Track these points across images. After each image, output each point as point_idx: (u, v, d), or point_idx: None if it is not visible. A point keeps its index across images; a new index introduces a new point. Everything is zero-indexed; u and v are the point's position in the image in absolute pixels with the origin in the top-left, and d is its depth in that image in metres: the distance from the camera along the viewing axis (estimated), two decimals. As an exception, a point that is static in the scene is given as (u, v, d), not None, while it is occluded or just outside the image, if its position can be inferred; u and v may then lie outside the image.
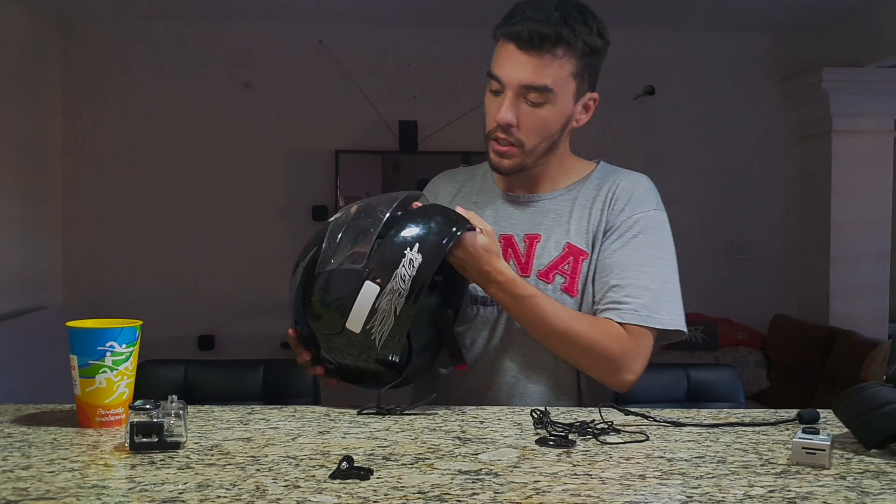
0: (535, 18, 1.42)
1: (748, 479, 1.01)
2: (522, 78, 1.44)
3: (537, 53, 1.43)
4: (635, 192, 1.54)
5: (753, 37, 4.90)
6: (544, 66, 1.43)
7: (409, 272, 1.30)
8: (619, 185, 1.54)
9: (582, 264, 1.49)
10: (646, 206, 1.53)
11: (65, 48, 4.73)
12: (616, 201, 1.52)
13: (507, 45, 1.45)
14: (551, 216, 1.54)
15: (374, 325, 1.32)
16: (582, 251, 1.50)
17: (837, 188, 4.60)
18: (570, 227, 1.52)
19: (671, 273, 1.50)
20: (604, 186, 1.55)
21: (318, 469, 1.03)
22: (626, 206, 1.51)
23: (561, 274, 1.49)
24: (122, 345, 1.25)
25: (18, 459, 1.07)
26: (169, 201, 4.78)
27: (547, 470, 1.04)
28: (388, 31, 4.73)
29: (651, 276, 1.46)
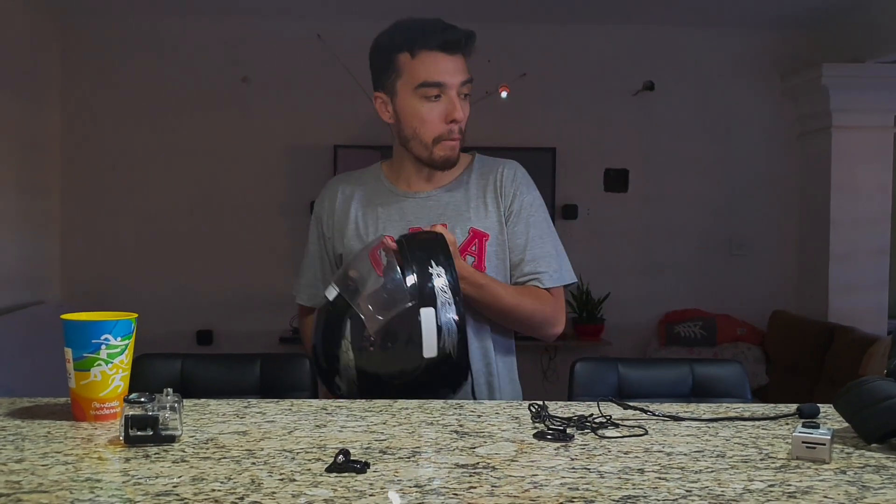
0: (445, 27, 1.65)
1: (748, 473, 1.00)
2: (461, 76, 1.67)
3: (462, 54, 1.67)
4: (517, 178, 1.78)
5: (753, 33, 4.89)
6: (465, 64, 1.69)
7: (442, 283, 1.44)
8: (503, 176, 1.77)
9: (485, 244, 1.73)
10: (528, 189, 1.78)
11: (63, 43, 4.71)
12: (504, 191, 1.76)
13: (433, 54, 1.65)
14: (451, 207, 1.75)
15: (444, 341, 1.42)
16: (484, 233, 1.73)
17: (837, 184, 4.59)
18: (470, 215, 1.74)
19: (557, 238, 1.80)
20: (489, 177, 1.78)
21: (314, 462, 1.02)
22: (515, 193, 1.76)
23: (471, 254, 1.72)
24: (117, 338, 1.24)
25: (12, 452, 1.06)
26: (167, 196, 4.77)
27: (545, 464, 1.03)
28: (386, 26, 4.72)
29: (550, 245, 1.76)
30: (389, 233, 1.66)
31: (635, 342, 4.88)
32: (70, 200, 4.75)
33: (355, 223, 1.76)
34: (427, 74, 1.64)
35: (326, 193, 1.84)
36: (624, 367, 1.84)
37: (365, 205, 1.77)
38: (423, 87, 1.65)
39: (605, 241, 4.84)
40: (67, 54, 4.72)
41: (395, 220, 1.72)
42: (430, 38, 1.64)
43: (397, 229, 1.69)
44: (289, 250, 4.76)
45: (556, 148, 4.77)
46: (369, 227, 1.74)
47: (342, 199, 1.80)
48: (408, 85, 1.67)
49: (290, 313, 4.64)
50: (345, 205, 1.79)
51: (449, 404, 1.40)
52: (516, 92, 4.55)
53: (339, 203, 1.79)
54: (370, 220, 1.75)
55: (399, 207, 1.75)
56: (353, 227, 1.76)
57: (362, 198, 1.78)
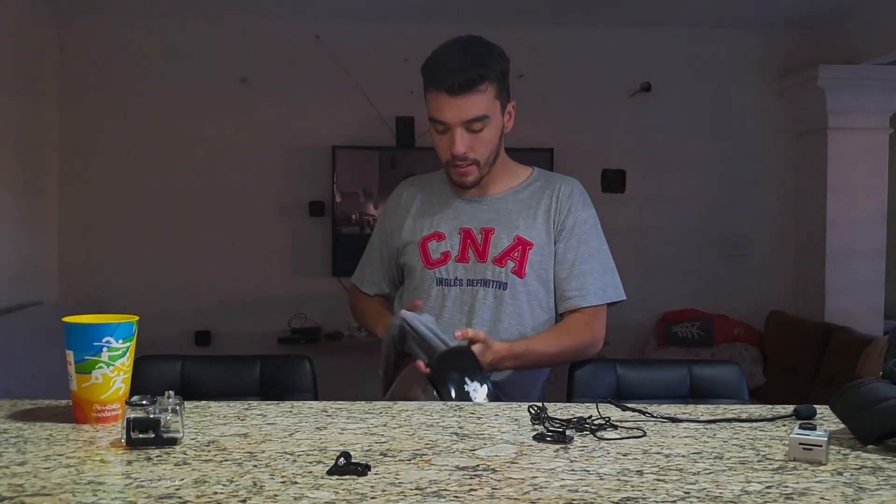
0: (454, 68, 1.73)
1: (745, 474, 1.01)
2: (463, 116, 1.76)
3: (468, 94, 1.74)
4: (573, 196, 1.89)
5: (750, 33, 4.90)
6: (476, 102, 1.76)
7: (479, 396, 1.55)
8: (560, 191, 1.89)
9: (529, 252, 1.84)
10: (583, 207, 1.90)
11: (61, 42, 4.71)
12: (560, 206, 1.87)
13: (440, 94, 1.76)
14: (502, 213, 1.88)
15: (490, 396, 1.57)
16: (529, 242, 1.84)
17: (833, 185, 4.61)
18: (518, 223, 1.86)
19: (609, 256, 1.91)
20: (546, 191, 1.90)
21: (315, 465, 1.03)
22: (569, 209, 1.87)
23: (512, 260, 1.84)
24: (118, 340, 1.24)
25: (14, 455, 1.07)
26: (166, 196, 4.77)
27: (544, 466, 1.04)
28: (384, 27, 4.72)
29: (598, 263, 1.87)
30: (440, 229, 1.87)
31: (633, 342, 4.89)
32: (68, 201, 4.75)
33: (413, 218, 1.93)
34: (433, 112, 1.79)
35: (395, 193, 2.03)
36: (622, 369, 1.85)
37: (425, 203, 1.95)
38: (432, 121, 1.81)
39: (603, 241, 4.85)
40: (66, 54, 4.72)
41: (448, 219, 1.89)
42: (437, 80, 1.76)
43: (449, 226, 1.88)
44: (287, 251, 4.77)
45: (554, 148, 4.78)
46: (424, 222, 1.91)
47: (407, 197, 1.99)
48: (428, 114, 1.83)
49: (288, 313, 4.66)
50: (407, 202, 1.98)
51: (449, 406, 1.40)
52: (514, 93, 4.55)
53: (404, 201, 1.98)
54: (427, 217, 1.92)
55: (453, 208, 1.91)
56: (410, 221, 1.93)
57: (424, 197, 1.96)
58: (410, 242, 1.91)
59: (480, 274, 1.84)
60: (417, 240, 1.90)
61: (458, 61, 1.74)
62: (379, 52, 4.74)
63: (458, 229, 1.88)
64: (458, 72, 1.73)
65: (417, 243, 1.89)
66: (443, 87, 1.75)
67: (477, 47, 1.79)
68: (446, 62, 1.76)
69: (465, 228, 1.87)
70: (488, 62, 1.77)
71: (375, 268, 2.03)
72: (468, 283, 1.84)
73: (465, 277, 1.85)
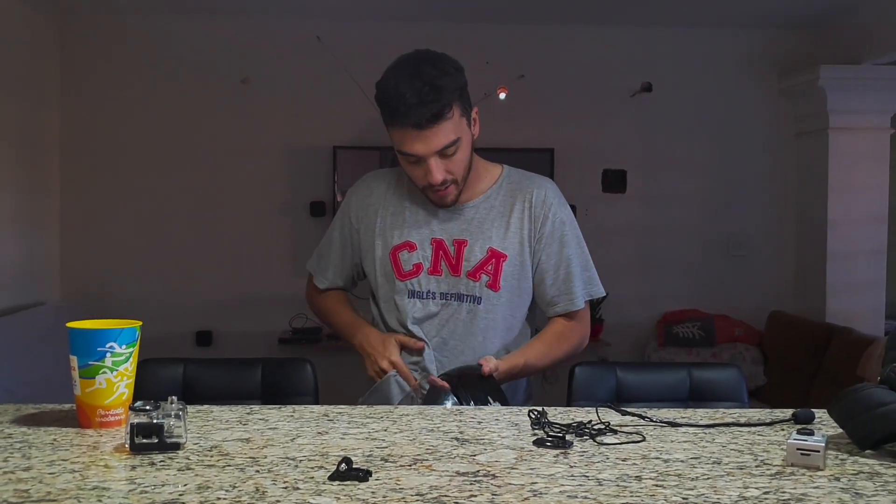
0: (415, 103, 1.64)
1: (743, 480, 1.02)
2: (435, 147, 1.69)
3: (435, 125, 1.67)
4: (548, 199, 1.84)
5: (751, 33, 4.91)
6: (445, 130, 1.69)
7: None
8: (533, 197, 1.84)
9: (502, 264, 1.80)
10: (559, 209, 1.85)
11: (62, 42, 4.72)
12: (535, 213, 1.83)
13: (406, 130, 1.68)
14: (475, 223, 1.82)
15: None
16: (502, 254, 1.80)
17: (834, 185, 4.61)
18: (491, 234, 1.81)
19: (586, 252, 1.89)
20: (518, 196, 1.84)
21: (317, 470, 1.04)
22: (545, 215, 1.83)
23: (486, 273, 1.80)
24: (121, 346, 1.25)
25: (19, 460, 1.08)
26: (167, 196, 4.78)
27: (544, 471, 1.05)
28: (385, 27, 4.72)
29: (579, 263, 1.86)
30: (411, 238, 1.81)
31: (634, 343, 4.90)
32: (69, 201, 4.76)
33: (382, 220, 1.85)
34: (402, 146, 1.72)
35: (361, 184, 1.93)
36: (622, 372, 1.86)
37: (395, 206, 1.86)
38: (400, 154, 1.74)
39: (604, 241, 4.85)
40: (67, 54, 4.73)
41: (419, 227, 1.82)
42: (400, 118, 1.67)
43: (421, 236, 1.81)
44: (288, 251, 4.77)
45: (555, 149, 4.79)
46: (395, 230, 1.83)
47: (376, 196, 1.88)
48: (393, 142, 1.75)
49: (289, 314, 4.66)
50: (376, 202, 1.88)
51: (449, 410, 1.41)
52: (514, 93, 4.56)
53: (373, 200, 1.88)
54: (396, 222, 1.84)
55: (424, 215, 1.84)
56: (379, 224, 1.85)
57: (394, 197, 1.87)
58: (379, 247, 1.84)
59: (454, 288, 1.79)
60: (388, 248, 1.83)
61: (416, 93, 1.64)
62: (380, 52, 4.69)
63: (430, 240, 1.82)
64: (420, 106, 1.64)
65: (388, 252, 1.82)
66: (408, 125, 1.66)
67: (430, 69, 1.67)
68: (404, 97, 1.65)
69: (436, 239, 1.81)
70: (446, 85, 1.67)
71: (334, 263, 1.95)
72: (441, 296, 1.80)
73: (437, 291, 1.80)
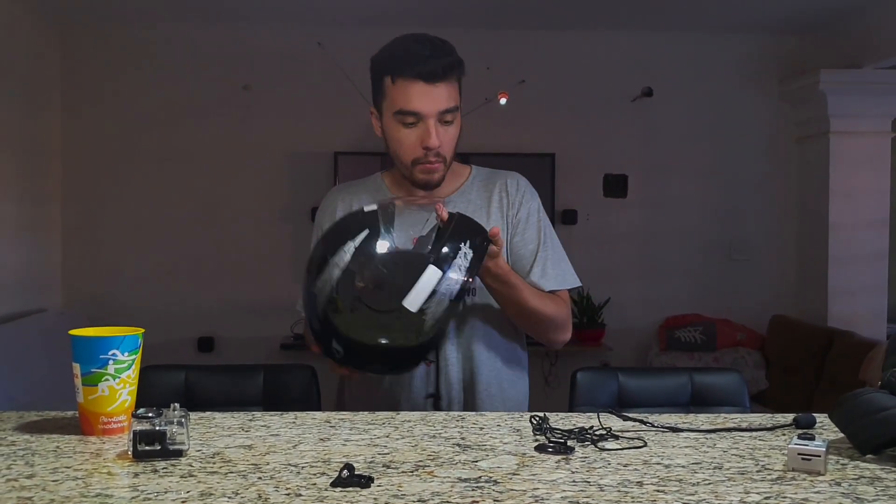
0: (428, 55, 1.63)
1: (744, 485, 1.02)
2: (439, 106, 1.65)
3: (444, 82, 1.65)
4: (520, 188, 1.82)
5: (751, 38, 4.91)
6: (450, 91, 1.67)
7: (464, 264, 1.43)
8: (508, 185, 1.82)
9: None
10: (532, 197, 1.83)
11: (64, 50, 4.73)
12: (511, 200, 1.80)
13: (413, 83, 1.64)
14: None
15: (429, 307, 1.38)
16: None
17: (835, 189, 4.61)
18: None
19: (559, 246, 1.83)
20: (493, 188, 1.82)
21: (319, 477, 1.04)
22: (520, 202, 1.80)
23: None
24: (124, 353, 1.26)
25: (22, 468, 1.08)
26: (168, 203, 4.79)
27: (546, 477, 1.05)
28: (386, 33, 4.69)
29: (553, 251, 1.80)
30: None
31: (636, 347, 4.90)
32: (71, 207, 4.77)
33: None
34: (403, 102, 1.66)
35: (327, 203, 1.88)
36: (624, 377, 1.86)
37: None
38: (400, 114, 1.67)
39: (605, 246, 4.86)
40: (68, 61, 4.74)
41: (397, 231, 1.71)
42: (409, 66, 1.64)
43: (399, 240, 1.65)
44: (290, 256, 4.78)
45: (556, 154, 4.79)
46: None
47: (342, 207, 1.82)
48: (389, 109, 1.69)
49: (291, 319, 4.65)
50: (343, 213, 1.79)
51: (451, 416, 1.42)
52: (515, 98, 4.57)
53: (339, 213, 1.81)
54: None
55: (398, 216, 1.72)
56: None
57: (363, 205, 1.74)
58: None
59: None
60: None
61: (428, 46, 1.65)
62: (381, 58, 4.75)
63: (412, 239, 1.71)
64: (432, 57, 1.63)
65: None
66: (416, 75, 1.63)
67: (440, 40, 1.70)
68: (415, 49, 1.65)
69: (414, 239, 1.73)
70: (455, 54, 1.69)
71: None
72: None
73: None
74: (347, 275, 1.41)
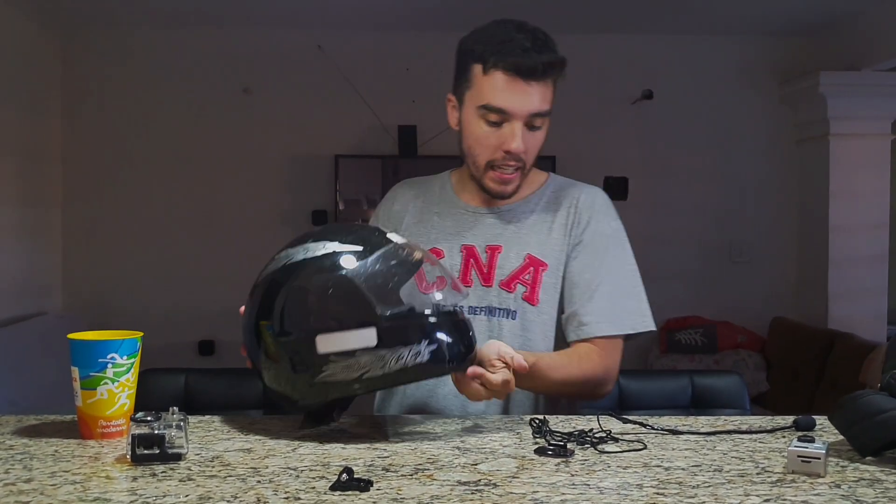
0: (529, 47, 1.44)
1: (744, 487, 1.02)
2: (532, 107, 1.47)
3: (542, 81, 1.47)
4: (594, 205, 1.60)
5: (751, 41, 4.92)
6: (546, 92, 1.49)
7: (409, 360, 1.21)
8: (579, 201, 1.60)
9: (542, 274, 1.55)
10: (605, 218, 1.60)
11: (64, 54, 4.74)
12: (579, 217, 1.58)
13: (507, 77, 1.45)
14: (511, 228, 1.59)
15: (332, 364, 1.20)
16: (542, 262, 1.56)
17: (835, 191, 4.62)
18: (530, 240, 1.57)
19: (635, 278, 1.59)
20: (563, 201, 1.61)
21: (318, 480, 1.04)
22: (589, 220, 1.58)
23: (522, 283, 1.55)
24: (123, 356, 1.25)
25: (20, 472, 1.08)
26: (169, 207, 4.79)
27: (545, 480, 1.05)
28: (386, 36, 4.74)
29: (616, 284, 1.55)
30: (440, 245, 1.59)
31: (636, 349, 4.89)
32: (72, 211, 4.78)
33: (407, 229, 1.64)
34: (491, 97, 1.47)
35: (389, 195, 1.75)
36: (625, 379, 1.86)
37: (422, 211, 1.67)
38: (485, 109, 1.49)
39: (605, 248, 4.86)
40: (68, 66, 4.75)
41: (448, 233, 1.61)
42: (506, 57, 1.45)
43: (450, 242, 1.60)
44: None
45: (556, 156, 4.79)
46: (420, 236, 1.62)
47: (401, 205, 1.70)
48: (473, 100, 1.51)
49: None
50: (401, 211, 1.69)
51: (450, 419, 1.41)
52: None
53: (398, 206, 1.70)
54: (423, 229, 1.64)
55: (456, 220, 1.63)
56: (406, 233, 1.60)
57: (422, 204, 1.68)
58: None
59: (485, 300, 1.54)
60: None
61: (531, 39, 1.46)
62: (381, 61, 4.76)
63: (460, 246, 1.59)
64: (534, 51, 1.44)
65: None
66: (513, 69, 1.44)
67: (542, 32, 1.50)
68: (517, 39, 1.45)
69: (467, 245, 1.59)
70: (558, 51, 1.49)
71: None
72: (470, 310, 1.54)
73: (466, 304, 1.53)
74: None
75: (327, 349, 1.19)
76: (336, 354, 1.19)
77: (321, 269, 1.24)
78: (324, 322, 1.21)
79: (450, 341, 1.24)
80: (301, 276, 1.26)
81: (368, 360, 1.19)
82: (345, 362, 1.19)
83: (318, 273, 1.24)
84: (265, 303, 1.31)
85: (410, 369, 1.20)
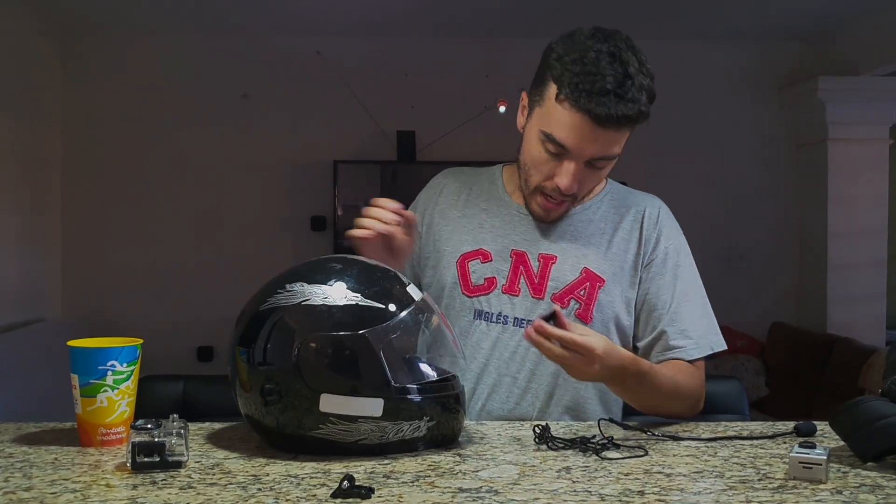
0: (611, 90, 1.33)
1: (746, 494, 1.02)
2: (594, 152, 1.39)
3: (618, 130, 1.38)
4: (661, 219, 1.54)
5: (750, 46, 4.93)
6: (618, 140, 1.40)
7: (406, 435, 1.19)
8: (645, 215, 1.54)
9: (598, 291, 1.47)
10: (672, 233, 1.55)
11: (64, 60, 4.74)
12: (647, 235, 1.52)
13: (579, 115, 1.34)
14: (567, 237, 1.51)
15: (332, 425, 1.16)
16: (599, 278, 1.48)
17: (834, 196, 4.62)
18: (587, 251, 1.49)
19: (704, 294, 1.56)
20: (624, 213, 1.54)
21: (319, 488, 1.03)
22: (658, 238, 1.52)
23: (576, 299, 1.47)
24: (123, 364, 1.25)
25: (20, 480, 1.07)
26: (168, 212, 4.79)
27: (547, 487, 1.05)
28: (385, 42, 4.75)
29: (696, 306, 1.51)
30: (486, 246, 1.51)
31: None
32: (71, 218, 4.77)
33: (452, 223, 1.56)
34: (557, 129, 1.37)
35: (433, 181, 1.65)
36: (625, 385, 1.86)
37: (470, 206, 1.57)
38: (546, 137, 1.39)
39: (604, 253, 4.86)
40: (68, 72, 4.75)
41: (497, 235, 1.52)
42: (582, 95, 1.33)
43: (498, 245, 1.51)
44: (289, 265, 4.77)
45: (555, 162, 4.80)
46: (466, 233, 1.54)
47: (447, 194, 1.60)
48: (540, 121, 1.41)
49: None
50: (447, 201, 1.59)
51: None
52: (514, 106, 4.57)
53: (443, 197, 1.60)
54: (468, 224, 1.55)
55: (504, 219, 1.54)
56: (448, 226, 1.55)
57: (469, 197, 1.59)
58: (445, 253, 1.53)
59: (533, 312, 1.44)
60: (456, 255, 1.52)
61: (618, 82, 1.34)
62: (380, 66, 4.77)
63: (510, 251, 1.49)
64: (617, 99, 1.33)
65: (456, 260, 1.51)
66: (586, 110, 1.33)
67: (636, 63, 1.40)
68: (603, 76, 1.34)
69: (517, 251, 1.49)
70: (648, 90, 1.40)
71: None
72: (516, 322, 1.46)
73: (512, 315, 1.47)
74: None
75: (330, 409, 1.16)
76: (337, 416, 1.17)
77: (342, 323, 1.17)
78: (334, 382, 1.17)
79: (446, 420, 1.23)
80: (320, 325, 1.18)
81: (368, 428, 1.17)
82: (345, 425, 1.17)
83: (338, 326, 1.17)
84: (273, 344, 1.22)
85: (406, 442, 1.19)
